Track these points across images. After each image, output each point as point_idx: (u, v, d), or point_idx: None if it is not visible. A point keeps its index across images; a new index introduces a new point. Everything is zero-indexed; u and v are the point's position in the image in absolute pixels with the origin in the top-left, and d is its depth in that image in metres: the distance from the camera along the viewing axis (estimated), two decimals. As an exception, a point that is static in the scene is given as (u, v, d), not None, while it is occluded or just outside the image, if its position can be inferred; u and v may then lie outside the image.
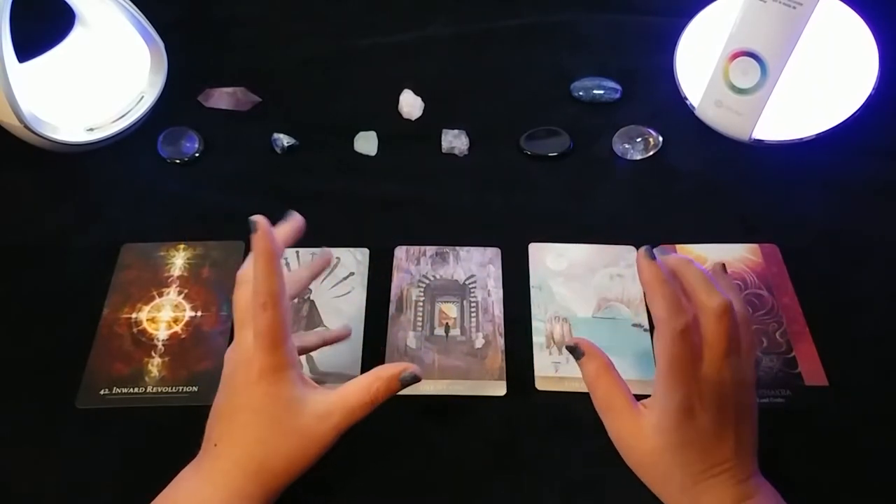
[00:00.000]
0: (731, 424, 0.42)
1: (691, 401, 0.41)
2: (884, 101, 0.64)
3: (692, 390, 0.41)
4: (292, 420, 0.43)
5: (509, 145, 0.70)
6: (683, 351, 0.41)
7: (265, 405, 0.43)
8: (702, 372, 0.42)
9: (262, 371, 0.43)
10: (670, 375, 0.41)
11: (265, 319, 0.43)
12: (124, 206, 0.66)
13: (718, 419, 0.42)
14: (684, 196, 0.66)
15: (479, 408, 0.53)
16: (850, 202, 0.65)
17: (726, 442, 0.42)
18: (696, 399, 0.41)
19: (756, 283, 0.60)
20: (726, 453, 0.42)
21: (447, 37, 0.81)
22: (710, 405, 0.42)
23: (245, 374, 0.44)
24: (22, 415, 0.53)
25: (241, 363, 0.44)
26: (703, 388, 0.42)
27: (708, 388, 0.42)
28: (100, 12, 0.68)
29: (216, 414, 0.45)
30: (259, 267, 0.43)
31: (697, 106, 0.70)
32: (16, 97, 0.60)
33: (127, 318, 0.58)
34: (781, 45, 0.63)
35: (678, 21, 0.72)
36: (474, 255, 0.62)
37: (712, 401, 0.42)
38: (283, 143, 0.70)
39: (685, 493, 0.42)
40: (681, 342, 0.41)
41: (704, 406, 0.42)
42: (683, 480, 0.42)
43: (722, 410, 0.42)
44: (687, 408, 0.41)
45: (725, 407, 0.42)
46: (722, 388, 0.42)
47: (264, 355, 0.43)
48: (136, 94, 0.70)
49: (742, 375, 0.43)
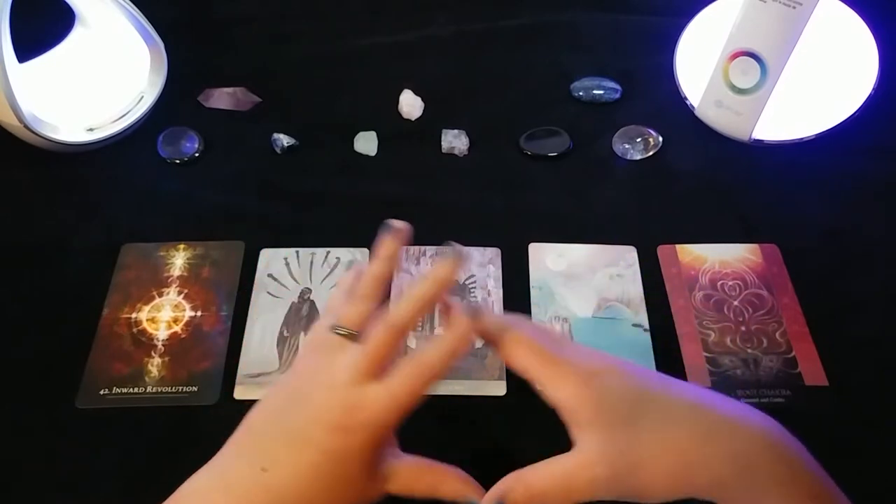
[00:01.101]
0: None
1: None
2: (884, 101, 0.64)
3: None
4: (362, 481, 0.38)
5: (509, 145, 0.70)
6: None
7: (343, 455, 0.36)
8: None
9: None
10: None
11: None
12: (124, 206, 0.66)
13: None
14: (684, 196, 0.66)
15: (479, 408, 0.53)
16: (850, 202, 0.65)
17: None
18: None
19: (756, 283, 0.60)
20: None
21: (447, 37, 0.81)
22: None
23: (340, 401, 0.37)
24: (22, 415, 0.53)
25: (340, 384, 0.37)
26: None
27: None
28: (100, 12, 0.68)
29: (279, 429, 0.37)
30: (431, 292, 0.40)
31: (697, 106, 0.70)
32: (16, 97, 0.60)
33: (127, 318, 0.58)
34: (781, 45, 0.63)
35: (678, 21, 0.72)
36: (474, 255, 0.62)
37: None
38: (283, 143, 0.70)
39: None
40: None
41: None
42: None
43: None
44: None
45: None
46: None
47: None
48: (136, 94, 0.70)
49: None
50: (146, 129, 0.71)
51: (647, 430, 0.36)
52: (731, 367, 0.55)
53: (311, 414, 0.37)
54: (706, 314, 0.58)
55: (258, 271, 0.61)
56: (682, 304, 0.59)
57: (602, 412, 0.37)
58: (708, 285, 0.60)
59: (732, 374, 0.54)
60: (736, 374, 0.54)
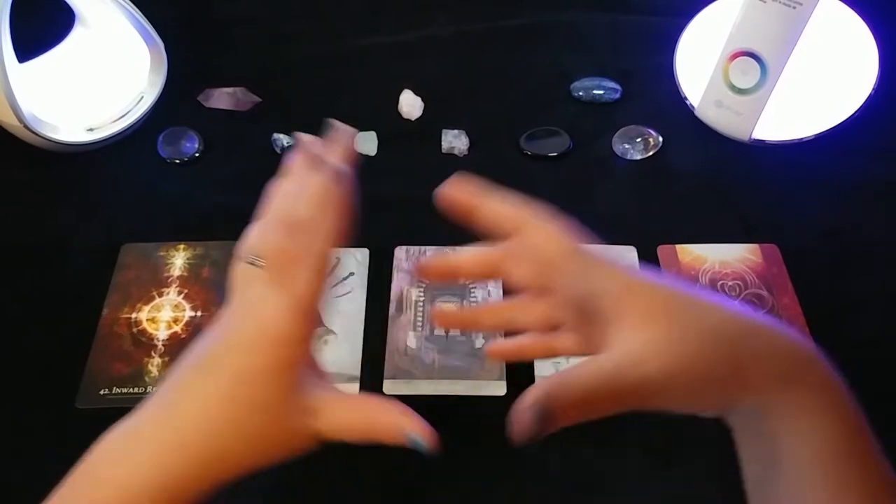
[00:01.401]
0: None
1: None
2: (884, 101, 0.64)
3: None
4: (282, 411, 0.35)
5: (509, 145, 0.70)
6: None
7: (253, 376, 0.34)
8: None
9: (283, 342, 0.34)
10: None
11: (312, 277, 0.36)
12: (124, 206, 0.66)
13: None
14: (684, 196, 0.66)
15: (479, 408, 0.53)
16: (850, 202, 0.65)
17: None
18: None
19: (756, 283, 0.60)
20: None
21: (447, 37, 0.81)
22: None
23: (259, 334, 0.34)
24: (22, 415, 0.53)
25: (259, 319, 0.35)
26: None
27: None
28: (100, 12, 0.68)
29: (191, 361, 0.35)
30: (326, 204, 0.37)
31: (697, 106, 0.70)
32: (16, 97, 0.60)
33: (127, 318, 0.58)
34: (781, 45, 0.63)
35: (678, 21, 0.72)
36: (474, 255, 0.62)
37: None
38: (283, 143, 0.70)
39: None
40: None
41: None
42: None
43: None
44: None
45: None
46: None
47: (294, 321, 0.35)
48: (136, 94, 0.70)
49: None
50: (146, 129, 0.71)
51: (694, 327, 0.33)
52: (731, 367, 0.55)
53: (220, 337, 0.35)
54: (706, 314, 0.58)
55: (258, 271, 0.61)
56: (682, 304, 0.58)
57: (649, 304, 0.34)
58: (708, 285, 0.60)
59: (732, 374, 0.54)
60: (736, 374, 0.54)
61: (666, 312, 0.33)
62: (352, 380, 0.54)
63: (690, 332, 0.33)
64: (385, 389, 0.54)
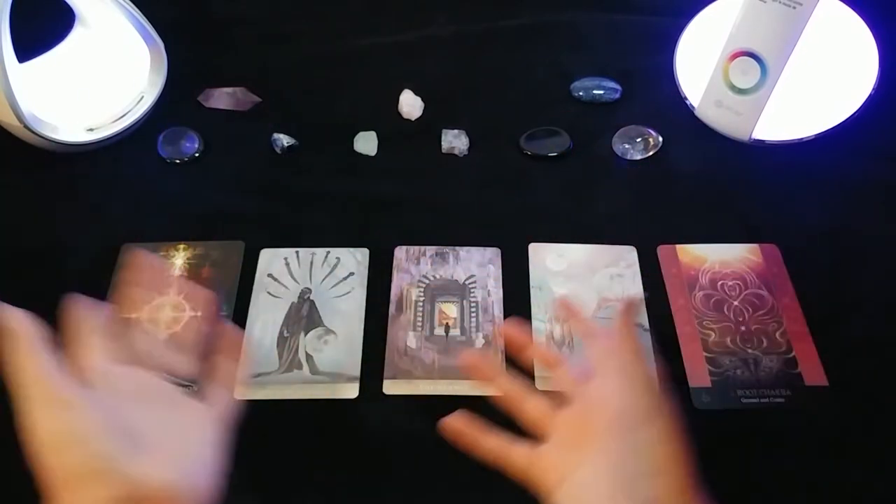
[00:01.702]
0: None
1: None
2: (884, 101, 0.64)
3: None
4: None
5: (509, 145, 0.70)
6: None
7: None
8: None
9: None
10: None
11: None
12: (124, 206, 0.66)
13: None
14: (684, 196, 0.66)
15: (479, 408, 0.53)
16: (850, 202, 0.65)
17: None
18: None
19: (756, 283, 0.60)
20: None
21: (447, 37, 0.81)
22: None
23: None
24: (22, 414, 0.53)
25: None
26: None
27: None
28: (100, 12, 0.68)
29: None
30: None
31: (697, 106, 0.70)
32: (16, 97, 0.60)
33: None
34: (781, 45, 0.63)
35: (678, 21, 0.72)
36: (474, 255, 0.62)
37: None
38: (283, 143, 0.70)
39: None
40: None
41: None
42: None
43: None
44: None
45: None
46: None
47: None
48: (136, 94, 0.70)
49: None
50: (146, 129, 0.71)
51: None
52: (731, 367, 0.55)
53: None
54: (706, 314, 0.58)
55: (258, 271, 0.61)
56: (682, 304, 0.59)
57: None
58: (708, 285, 0.60)
59: (732, 374, 0.54)
60: (736, 374, 0.54)
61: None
62: (352, 380, 0.54)
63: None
64: (385, 389, 0.54)
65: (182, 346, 0.43)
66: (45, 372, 0.35)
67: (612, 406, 0.40)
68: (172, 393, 0.40)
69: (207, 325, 0.45)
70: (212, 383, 0.42)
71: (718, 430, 0.52)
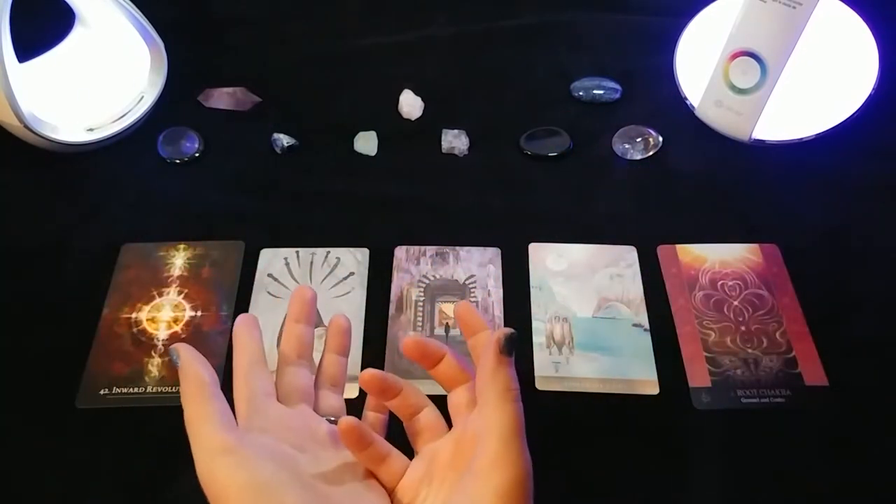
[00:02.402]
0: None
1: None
2: (884, 101, 0.64)
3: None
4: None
5: (509, 145, 0.70)
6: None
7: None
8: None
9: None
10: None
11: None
12: (124, 206, 0.66)
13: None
14: (684, 196, 0.66)
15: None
16: (850, 202, 0.65)
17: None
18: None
19: (756, 283, 0.60)
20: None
21: (447, 37, 0.81)
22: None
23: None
24: (22, 415, 0.53)
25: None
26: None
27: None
28: (100, 12, 0.68)
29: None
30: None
31: (697, 106, 0.70)
32: (16, 97, 0.60)
33: (127, 318, 0.58)
34: (781, 45, 0.63)
35: (678, 21, 0.72)
36: (474, 255, 0.62)
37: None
38: (283, 143, 0.70)
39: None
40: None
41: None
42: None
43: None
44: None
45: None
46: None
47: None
48: (136, 94, 0.70)
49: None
50: (146, 129, 0.71)
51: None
52: (731, 367, 0.55)
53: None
54: (706, 314, 0.58)
55: (258, 271, 0.61)
56: (682, 303, 0.59)
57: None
58: (708, 285, 0.60)
59: (732, 374, 0.54)
60: (736, 374, 0.54)
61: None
62: (351, 380, 0.54)
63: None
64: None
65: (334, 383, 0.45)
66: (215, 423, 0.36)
67: (470, 452, 0.39)
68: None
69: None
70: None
71: (718, 430, 0.52)
